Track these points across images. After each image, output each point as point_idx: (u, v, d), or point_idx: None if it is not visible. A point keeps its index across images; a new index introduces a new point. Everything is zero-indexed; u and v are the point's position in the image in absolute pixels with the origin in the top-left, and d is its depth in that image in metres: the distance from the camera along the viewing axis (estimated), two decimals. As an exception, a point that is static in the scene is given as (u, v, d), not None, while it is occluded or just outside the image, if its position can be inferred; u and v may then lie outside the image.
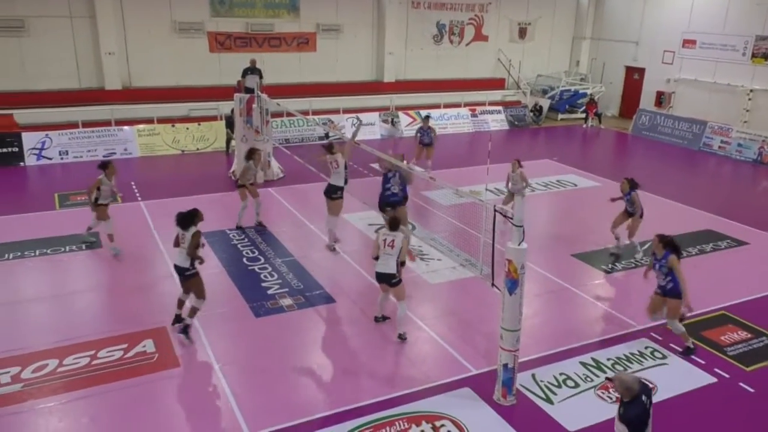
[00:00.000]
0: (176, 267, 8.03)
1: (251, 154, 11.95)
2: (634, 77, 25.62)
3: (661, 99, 24.10)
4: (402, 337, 8.17)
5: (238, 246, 11.17)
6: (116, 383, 7.13)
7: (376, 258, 8.06)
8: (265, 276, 10.03)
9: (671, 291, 7.96)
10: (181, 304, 8.29)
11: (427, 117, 16.62)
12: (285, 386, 7.22)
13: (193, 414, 6.72)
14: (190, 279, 7.99)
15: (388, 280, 8.03)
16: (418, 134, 15.92)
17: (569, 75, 27.10)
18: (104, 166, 10.65)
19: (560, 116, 25.23)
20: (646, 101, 24.63)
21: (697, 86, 22.90)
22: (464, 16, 25.06)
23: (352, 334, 8.43)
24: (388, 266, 7.96)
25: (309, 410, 6.78)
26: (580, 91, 25.53)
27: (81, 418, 6.59)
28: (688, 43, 23.14)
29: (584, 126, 24.06)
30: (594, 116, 24.16)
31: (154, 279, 9.91)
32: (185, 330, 7.99)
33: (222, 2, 20.60)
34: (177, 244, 8.01)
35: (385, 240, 8.00)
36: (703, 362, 7.93)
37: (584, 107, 24.74)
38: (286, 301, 9.20)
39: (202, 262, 8.10)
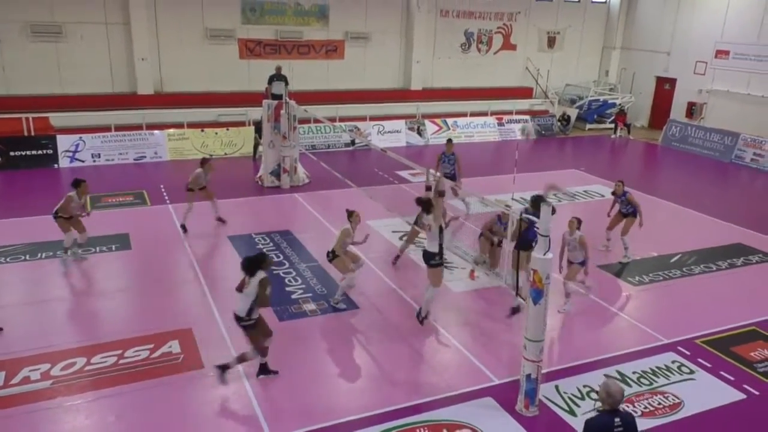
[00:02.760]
0: (234, 315, 7.20)
1: (204, 162, 12.09)
2: (665, 87, 25.27)
3: (692, 110, 23.72)
4: (419, 317, 8.65)
5: (264, 250, 11.27)
6: (142, 383, 7.24)
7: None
8: (290, 281, 10.10)
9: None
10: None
11: (450, 141, 13.69)
12: (307, 391, 7.25)
13: (216, 416, 6.79)
14: (248, 329, 7.20)
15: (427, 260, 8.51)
16: (440, 161, 13.15)
17: (598, 85, 26.86)
18: (76, 184, 10.46)
19: (588, 126, 24.99)
20: (677, 112, 24.26)
21: (729, 97, 22.49)
22: (492, 25, 25.03)
23: (375, 341, 8.44)
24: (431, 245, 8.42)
25: (330, 415, 6.80)
26: (609, 101, 25.27)
27: (107, 416, 6.70)
28: (721, 53, 22.76)
29: (613, 136, 23.80)
30: (623, 127, 23.89)
31: (180, 281, 10.05)
32: (224, 370, 7.25)
33: (253, 10, 20.90)
34: (240, 288, 7.20)
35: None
36: (732, 378, 7.76)
37: (613, 117, 24.47)
38: (310, 306, 9.25)
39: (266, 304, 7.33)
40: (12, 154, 16.29)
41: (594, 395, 7.27)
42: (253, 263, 7.07)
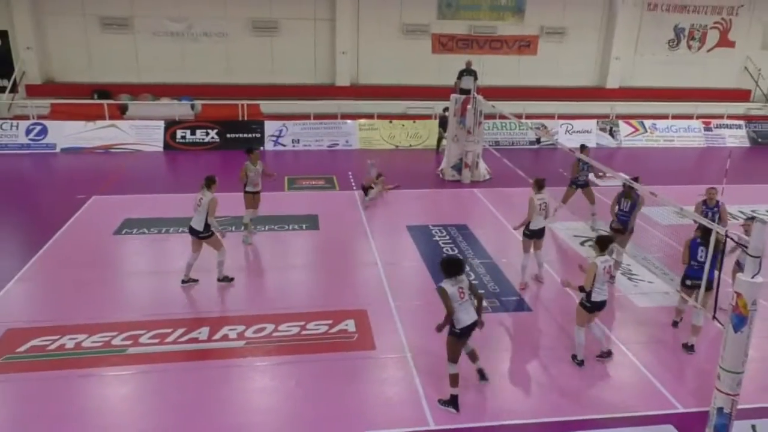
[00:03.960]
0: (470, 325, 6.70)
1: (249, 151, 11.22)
2: None
3: None
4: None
5: (440, 242, 11.44)
6: (320, 355, 7.76)
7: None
8: (463, 275, 10.13)
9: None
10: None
11: (585, 147, 11.93)
12: (473, 386, 7.21)
13: (382, 396, 7.07)
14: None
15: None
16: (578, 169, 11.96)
17: (837, 88, 23.06)
18: (249, 151, 10.86)
19: (819, 136, 21.59)
20: None
21: None
22: (708, 20, 22.65)
23: (547, 347, 8.15)
24: (602, 293, 7.44)
25: (493, 415, 6.73)
26: None
27: (288, 381, 7.30)
28: None
29: None
30: None
31: (360, 264, 10.58)
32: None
33: (449, 5, 21.18)
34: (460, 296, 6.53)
35: (605, 267, 7.40)
36: None
37: None
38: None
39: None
40: (228, 136, 18.38)
41: (801, 445, 6.33)
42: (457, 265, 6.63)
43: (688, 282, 8.13)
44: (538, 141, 19.56)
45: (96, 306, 8.78)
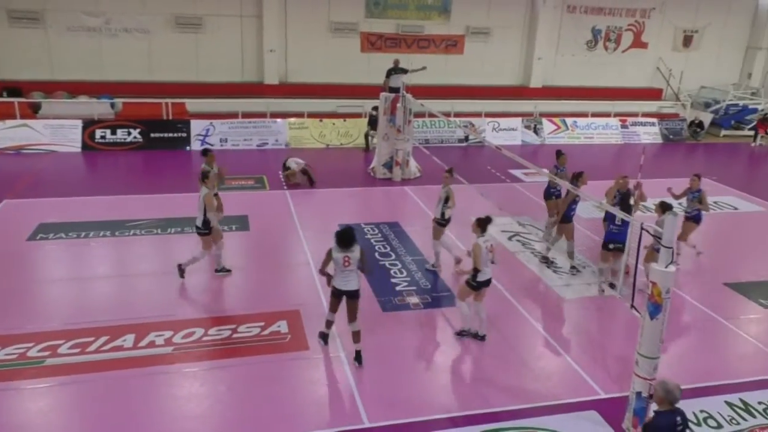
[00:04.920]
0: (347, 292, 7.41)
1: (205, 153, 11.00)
2: (818, 93, 22.81)
3: None
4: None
5: (372, 240, 11.48)
6: (251, 358, 7.63)
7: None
8: (395, 272, 10.22)
9: None
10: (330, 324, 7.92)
11: (560, 153, 11.76)
12: (406, 382, 7.31)
13: (316, 396, 7.03)
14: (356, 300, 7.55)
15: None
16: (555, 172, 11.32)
17: (738, 88, 24.70)
18: (204, 152, 10.90)
19: (723, 133, 23.09)
20: (831, 121, 21.82)
21: None
22: (623, 22, 23.77)
23: (476, 340, 8.33)
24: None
25: (427, 410, 6.82)
26: (750, 107, 23.18)
27: (219, 386, 7.13)
28: None
29: (752, 144, 21.83)
30: (765, 134, 21.84)
31: (292, 264, 10.47)
32: None
33: (377, 4, 21.26)
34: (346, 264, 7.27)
35: (487, 246, 7.90)
36: None
37: (754, 124, 22.43)
38: (413, 299, 9.31)
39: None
40: (152, 135, 17.73)
41: (712, 422, 6.75)
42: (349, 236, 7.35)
43: (611, 246, 9.07)
44: (466, 139, 19.96)
45: (9, 317, 8.28)
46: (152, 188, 13.90)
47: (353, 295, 7.44)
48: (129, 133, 17.58)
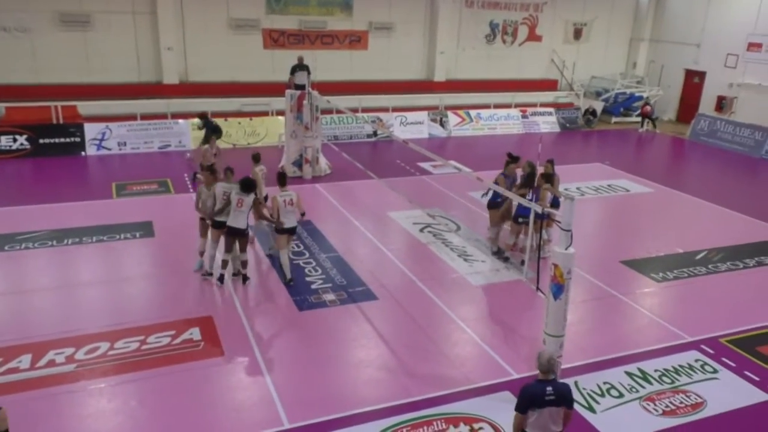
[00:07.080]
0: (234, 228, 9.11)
1: (207, 139, 12.92)
2: (694, 81, 24.77)
3: (722, 104, 23.22)
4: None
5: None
6: (163, 368, 7.34)
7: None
8: (310, 270, 10.15)
9: None
10: (225, 264, 9.37)
11: (514, 158, 11.05)
12: (325, 380, 7.29)
13: (234, 402, 6.86)
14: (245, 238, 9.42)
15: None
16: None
17: (625, 77, 26.41)
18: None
19: (614, 120, 24.63)
20: (706, 106, 23.77)
21: (761, 91, 21.94)
22: (518, 16, 24.74)
23: (393, 332, 8.45)
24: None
25: (348, 405, 6.84)
26: (636, 94, 24.85)
27: (129, 400, 6.81)
28: (753, 46, 22.21)
29: (640, 130, 23.42)
30: (649, 120, 23.49)
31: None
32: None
33: (277, 0, 20.92)
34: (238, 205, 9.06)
35: (284, 200, 9.35)
36: (757, 378, 7.62)
37: (639, 111, 24.08)
38: (329, 297, 9.29)
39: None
40: (41, 141, 16.59)
41: (614, 392, 7.21)
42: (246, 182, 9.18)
43: (520, 219, 10.37)
44: (374, 134, 20.10)
45: None
46: (45, 198, 13.02)
47: (243, 233, 9.21)
48: (15, 140, 16.37)
